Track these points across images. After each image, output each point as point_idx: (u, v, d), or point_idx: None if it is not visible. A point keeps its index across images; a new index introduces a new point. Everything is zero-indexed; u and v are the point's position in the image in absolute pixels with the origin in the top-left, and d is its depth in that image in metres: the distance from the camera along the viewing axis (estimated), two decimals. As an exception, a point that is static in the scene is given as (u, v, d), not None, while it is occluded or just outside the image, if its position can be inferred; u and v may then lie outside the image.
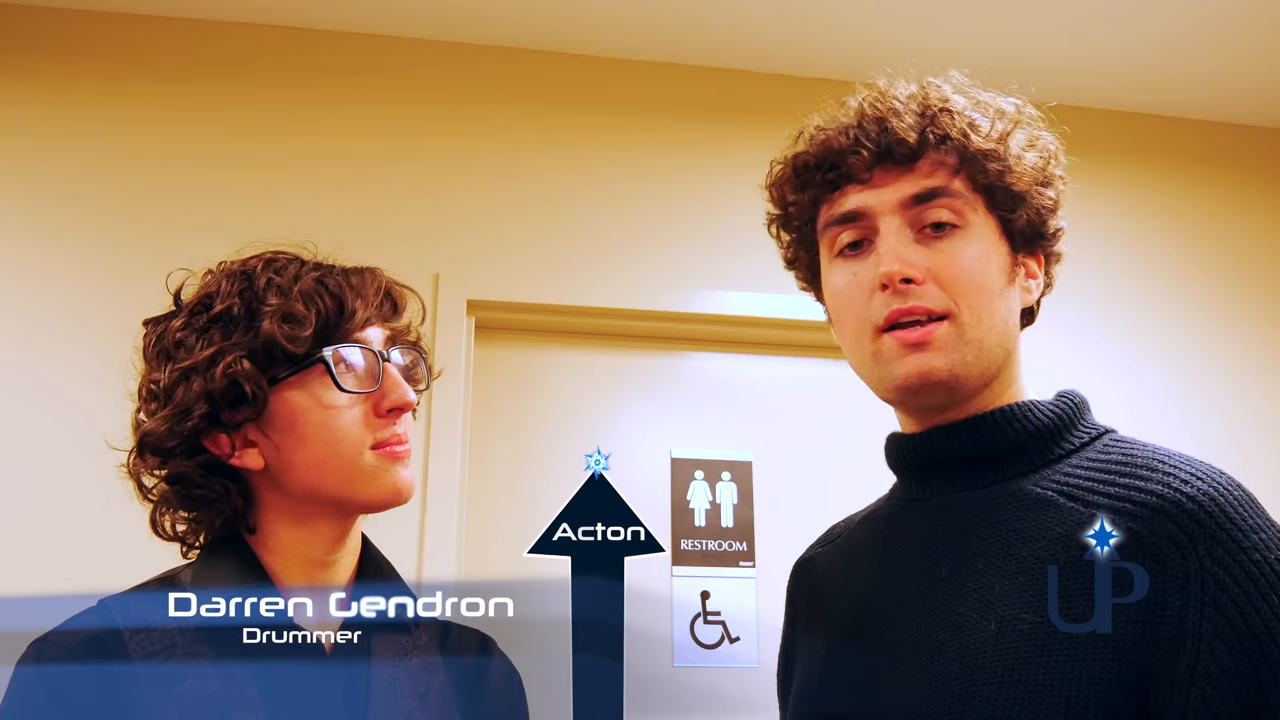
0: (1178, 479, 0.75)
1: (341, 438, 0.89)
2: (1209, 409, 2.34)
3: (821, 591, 0.97)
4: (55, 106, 2.08)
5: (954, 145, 0.86)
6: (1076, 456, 0.83)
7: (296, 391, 0.89)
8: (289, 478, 0.90)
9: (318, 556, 0.92)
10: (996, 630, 0.76)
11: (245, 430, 0.89)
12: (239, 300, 0.90)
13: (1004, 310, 0.86)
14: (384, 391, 0.91)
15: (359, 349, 0.91)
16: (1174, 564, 0.72)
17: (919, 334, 0.83)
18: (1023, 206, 0.87)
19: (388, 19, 2.20)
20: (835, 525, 1.05)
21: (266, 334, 0.87)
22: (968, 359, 0.83)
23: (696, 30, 2.25)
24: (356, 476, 0.90)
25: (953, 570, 0.82)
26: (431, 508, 1.94)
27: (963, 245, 0.85)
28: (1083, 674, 0.71)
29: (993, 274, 0.85)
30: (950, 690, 0.76)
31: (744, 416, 2.22)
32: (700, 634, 2.08)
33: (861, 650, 0.85)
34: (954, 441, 0.87)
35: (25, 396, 1.90)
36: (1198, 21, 2.20)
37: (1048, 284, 0.93)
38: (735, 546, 2.14)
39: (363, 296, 0.93)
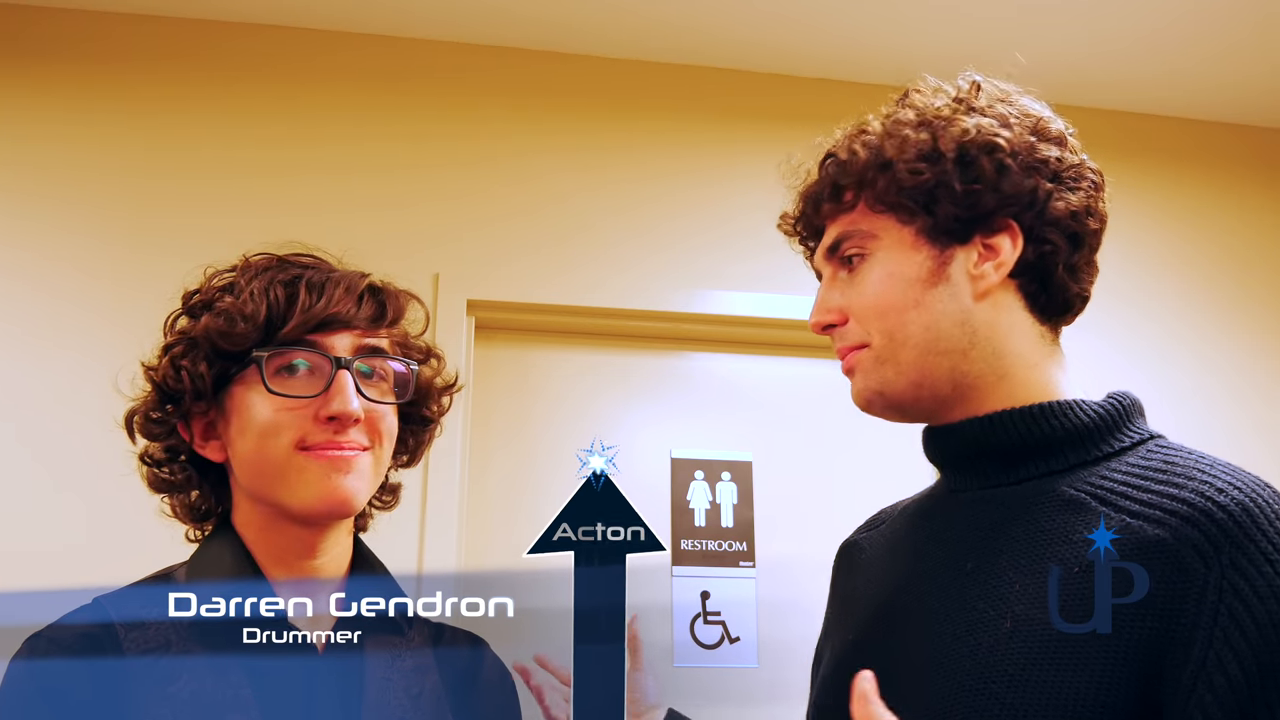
0: (1213, 487, 0.74)
1: (271, 438, 0.88)
2: (1203, 410, 2.34)
3: (858, 576, 0.98)
4: (54, 108, 2.08)
5: (851, 175, 0.89)
6: (1118, 460, 0.82)
7: (241, 388, 0.91)
8: (238, 473, 0.92)
9: (293, 559, 0.92)
10: (1011, 629, 0.75)
11: (211, 422, 0.93)
12: (206, 296, 0.93)
13: (929, 317, 0.86)
14: (326, 398, 0.88)
15: (310, 352, 0.90)
16: (1195, 571, 0.70)
17: (845, 364, 0.91)
18: (938, 201, 0.86)
19: (388, 19, 2.20)
20: (883, 509, 1.05)
21: (202, 329, 0.90)
22: (887, 376, 0.87)
23: (697, 31, 2.25)
24: (283, 479, 0.88)
25: (978, 566, 0.81)
26: (431, 508, 1.94)
27: (865, 275, 0.89)
28: (1094, 678, 0.71)
29: (899, 290, 0.86)
30: (962, 686, 0.75)
31: (744, 416, 2.22)
32: (700, 634, 2.08)
33: (883, 640, 0.86)
34: (987, 433, 0.86)
35: (21, 402, 1.90)
36: (1179, 16, 2.20)
37: (1049, 245, 0.87)
38: (735, 546, 2.14)
39: (325, 300, 0.90)
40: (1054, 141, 0.88)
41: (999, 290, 0.87)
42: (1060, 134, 0.89)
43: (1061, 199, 0.86)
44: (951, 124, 0.87)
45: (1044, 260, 0.87)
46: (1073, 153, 0.90)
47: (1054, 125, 0.90)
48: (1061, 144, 0.89)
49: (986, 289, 0.86)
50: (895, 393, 0.87)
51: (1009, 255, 0.86)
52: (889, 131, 0.88)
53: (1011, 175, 0.85)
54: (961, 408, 0.87)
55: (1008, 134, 0.86)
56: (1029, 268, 0.87)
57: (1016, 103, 0.90)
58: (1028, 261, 0.86)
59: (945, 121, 0.87)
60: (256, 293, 0.90)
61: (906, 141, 0.87)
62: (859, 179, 0.88)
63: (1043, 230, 0.86)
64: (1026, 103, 0.91)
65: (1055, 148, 0.88)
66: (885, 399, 0.88)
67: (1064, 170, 0.88)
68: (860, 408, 0.91)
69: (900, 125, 0.88)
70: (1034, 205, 0.86)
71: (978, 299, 0.86)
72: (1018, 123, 0.88)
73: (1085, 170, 0.89)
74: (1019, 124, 0.88)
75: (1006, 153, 0.85)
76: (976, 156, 0.85)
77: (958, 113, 0.88)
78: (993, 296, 0.87)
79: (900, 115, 0.90)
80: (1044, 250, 0.87)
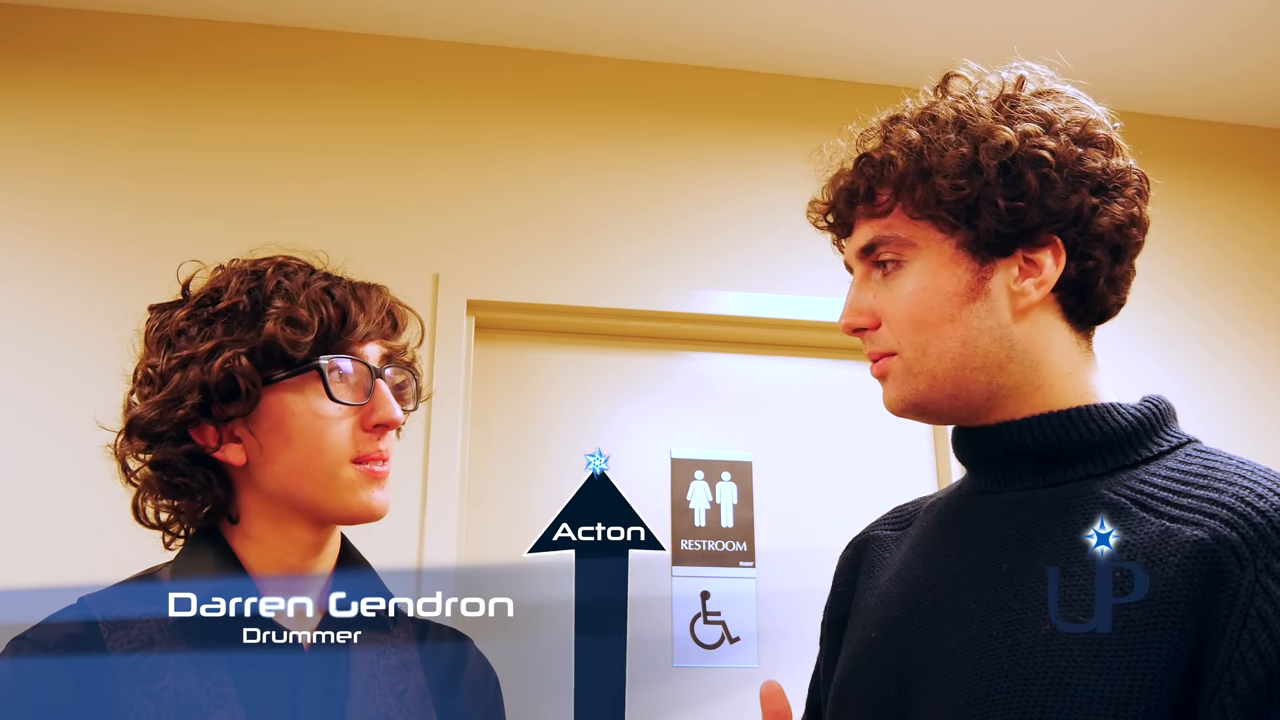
0: (1254, 493, 0.74)
1: (325, 446, 0.90)
2: (1200, 408, 2.34)
3: (880, 572, 0.96)
4: (53, 109, 2.08)
5: (889, 181, 0.86)
6: (1155, 464, 0.81)
7: (290, 394, 0.90)
8: (267, 478, 0.91)
9: (293, 560, 0.92)
10: (1050, 631, 0.75)
11: (233, 425, 0.90)
12: (246, 298, 0.91)
13: (966, 333, 0.84)
14: (373, 406, 0.92)
15: (354, 361, 0.92)
16: (1231, 573, 0.70)
17: (875, 369, 0.90)
18: (980, 215, 0.83)
19: (389, 19, 2.21)
20: (904, 505, 1.04)
21: (269, 334, 0.89)
22: (920, 388, 0.86)
23: (697, 30, 2.25)
24: (333, 487, 0.90)
25: (1014, 566, 0.80)
26: (431, 508, 1.94)
27: (900, 283, 0.87)
28: (1134, 681, 0.70)
29: (936, 304, 0.85)
30: (999, 688, 0.75)
31: (744, 416, 2.22)
32: (700, 634, 2.08)
33: (913, 637, 0.85)
34: (1025, 437, 0.85)
35: (8, 399, 1.90)
36: (1179, 15, 2.20)
37: (1092, 261, 0.85)
38: (735, 546, 2.14)
39: (365, 311, 0.94)
40: (1101, 147, 0.85)
41: (1038, 306, 0.85)
42: (1107, 138, 0.86)
43: (1106, 213, 0.84)
44: (994, 134, 0.84)
45: (1086, 276, 0.85)
46: (1119, 156, 0.87)
47: (1101, 128, 0.86)
48: (1109, 149, 0.86)
49: (1027, 306, 0.85)
50: (929, 403, 0.87)
51: (1051, 273, 0.84)
52: (928, 136, 0.85)
53: (1056, 190, 0.83)
54: (998, 413, 0.87)
55: (1053, 144, 0.83)
56: (1070, 283, 0.85)
57: (1062, 99, 0.87)
58: (1069, 278, 0.85)
59: (988, 129, 0.84)
60: (315, 299, 0.91)
61: (947, 150, 0.84)
62: (897, 185, 0.86)
63: (1087, 246, 0.84)
64: (1072, 96, 0.88)
65: (1101, 155, 0.85)
66: (919, 409, 0.88)
67: (1110, 180, 0.85)
68: (893, 414, 0.90)
69: (940, 129, 0.85)
70: (1079, 221, 0.84)
71: (1016, 316, 0.85)
72: (1063, 128, 0.85)
73: (1130, 176, 0.86)
74: (1064, 129, 0.85)
75: (1052, 166, 0.83)
76: (1022, 171, 0.83)
77: (999, 117, 0.85)
78: (1032, 313, 0.85)
79: (940, 112, 0.87)
80: (1086, 266, 0.85)
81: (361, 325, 0.93)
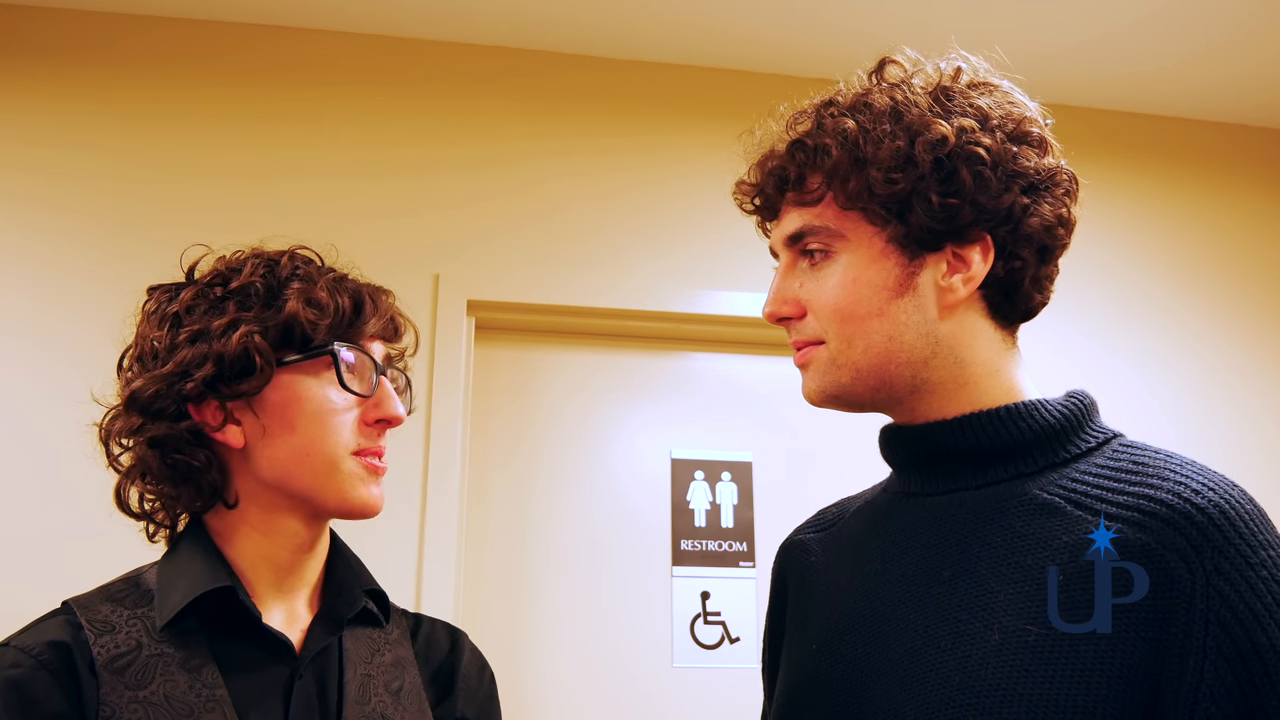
0: (1189, 489, 0.74)
1: (330, 434, 0.89)
2: (1204, 411, 2.34)
3: (813, 579, 0.95)
4: (53, 109, 2.08)
5: (821, 169, 0.85)
6: (1085, 461, 0.81)
7: (300, 377, 0.89)
8: (265, 463, 0.89)
9: (284, 557, 0.91)
10: (1000, 641, 0.74)
11: (236, 406, 0.88)
12: (261, 280, 0.91)
13: (890, 328, 0.83)
14: (377, 400, 0.92)
15: (363, 354, 0.92)
16: (1180, 577, 0.70)
17: (799, 358, 0.88)
18: (913, 209, 0.82)
19: (389, 19, 2.21)
20: (827, 509, 1.02)
21: (290, 312, 0.88)
22: (843, 381, 0.85)
23: (697, 31, 2.25)
24: (332, 477, 0.89)
25: (955, 574, 0.80)
26: (431, 507, 1.94)
27: (828, 274, 0.85)
28: (1089, 689, 0.70)
29: (864, 297, 0.83)
30: (951, 700, 0.74)
31: (744, 416, 2.22)
32: (700, 634, 2.08)
33: (856, 648, 0.83)
34: (956, 438, 0.84)
35: (8, 399, 1.90)
36: (1179, 15, 2.20)
37: (1020, 260, 0.84)
38: (735, 547, 2.14)
39: (377, 308, 0.95)
40: (1034, 145, 0.85)
41: (964, 303, 0.85)
42: (1040, 136, 0.86)
43: (1036, 213, 0.83)
44: (931, 127, 0.82)
45: (1013, 275, 0.85)
46: (1051, 154, 0.86)
47: (1035, 126, 0.86)
48: (1042, 147, 0.86)
49: (954, 302, 0.84)
50: (850, 395, 0.86)
51: (979, 270, 0.83)
52: (864, 125, 0.84)
53: (990, 188, 0.82)
54: (922, 409, 0.86)
55: (988, 141, 0.82)
56: (997, 281, 0.85)
57: (998, 94, 0.86)
58: (996, 276, 0.84)
59: (924, 122, 0.82)
60: (331, 286, 0.91)
61: (883, 142, 0.82)
62: (830, 174, 0.85)
63: (1015, 245, 0.84)
64: (1007, 90, 0.87)
65: (1035, 153, 0.84)
66: (839, 400, 0.87)
67: (1042, 180, 0.84)
68: (812, 404, 0.89)
69: (876, 118, 0.84)
70: (1010, 220, 0.83)
71: (943, 313, 0.84)
72: (999, 124, 0.84)
73: (1060, 175, 0.86)
74: (1000, 125, 0.84)
75: (987, 164, 0.82)
76: (957, 167, 0.82)
77: (936, 109, 0.84)
78: (958, 310, 0.85)
79: (875, 100, 0.86)
80: (1014, 265, 0.84)
81: (372, 321, 0.93)
